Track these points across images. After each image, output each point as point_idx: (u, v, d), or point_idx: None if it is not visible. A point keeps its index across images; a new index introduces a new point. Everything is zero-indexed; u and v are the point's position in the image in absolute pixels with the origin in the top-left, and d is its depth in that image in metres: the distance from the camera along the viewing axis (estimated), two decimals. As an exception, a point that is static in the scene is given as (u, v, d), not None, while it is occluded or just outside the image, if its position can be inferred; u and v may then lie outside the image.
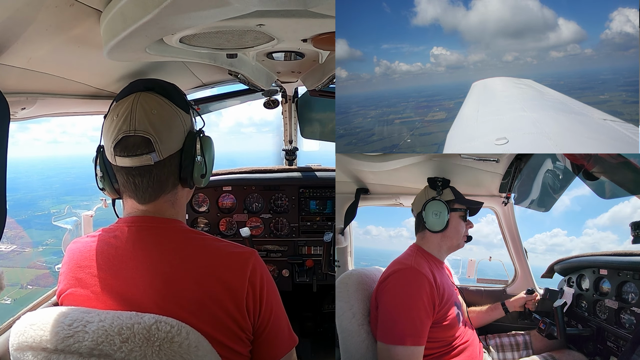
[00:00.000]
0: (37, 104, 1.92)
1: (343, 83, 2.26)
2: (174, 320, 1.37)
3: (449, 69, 3.16)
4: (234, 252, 1.56)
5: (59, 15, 1.41)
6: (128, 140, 1.50)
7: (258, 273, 1.55)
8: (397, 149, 2.59)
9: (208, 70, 2.94)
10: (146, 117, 1.52)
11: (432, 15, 2.92)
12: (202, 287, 1.46)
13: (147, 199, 1.58)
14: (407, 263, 2.26)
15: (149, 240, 1.55)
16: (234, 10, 1.30)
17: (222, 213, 3.89)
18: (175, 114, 1.59)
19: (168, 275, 1.47)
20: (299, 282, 3.89)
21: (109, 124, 1.55)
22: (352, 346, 2.24)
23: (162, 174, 1.56)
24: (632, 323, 2.41)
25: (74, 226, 3.34)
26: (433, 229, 2.40)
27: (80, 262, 1.57)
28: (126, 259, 1.51)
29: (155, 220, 1.59)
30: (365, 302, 2.37)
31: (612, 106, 2.27)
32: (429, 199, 2.44)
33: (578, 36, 2.81)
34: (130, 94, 1.57)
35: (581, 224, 15.80)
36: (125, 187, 1.58)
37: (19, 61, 1.57)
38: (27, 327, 1.40)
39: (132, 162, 1.51)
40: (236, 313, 1.48)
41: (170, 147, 1.56)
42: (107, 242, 1.57)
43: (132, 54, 1.76)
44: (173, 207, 1.64)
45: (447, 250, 2.50)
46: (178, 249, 1.53)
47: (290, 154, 4.30)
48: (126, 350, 1.31)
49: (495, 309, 3.01)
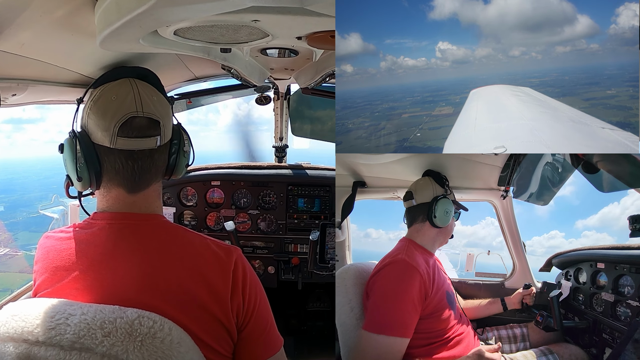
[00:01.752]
0: (28, 90, 1.91)
1: (348, 78, 2.26)
2: (157, 316, 1.36)
3: (455, 63, 3.18)
4: (217, 251, 1.54)
5: (54, 2, 1.40)
6: (135, 121, 1.49)
7: (241, 272, 1.54)
8: (407, 142, 2.60)
9: (201, 64, 2.93)
10: (150, 100, 1.53)
11: (449, 9, 2.93)
12: (185, 286, 1.45)
13: (140, 187, 1.55)
14: (399, 256, 2.30)
15: (131, 239, 1.51)
16: (230, 5, 1.30)
17: (209, 207, 3.89)
18: (167, 104, 1.62)
19: (152, 274, 1.45)
20: (284, 279, 3.89)
21: (106, 105, 1.50)
22: (351, 340, 2.27)
23: (159, 159, 1.57)
24: (627, 316, 2.46)
25: (60, 215, 3.32)
26: (440, 224, 2.46)
27: (56, 262, 1.51)
28: (108, 258, 1.48)
29: (138, 217, 1.56)
30: (362, 296, 2.40)
31: (620, 101, 2.29)
32: (440, 196, 2.47)
33: (591, 30, 2.82)
34: (122, 78, 1.57)
35: (572, 224, 15.94)
36: (118, 173, 1.52)
37: (12, 47, 1.56)
38: (9, 317, 1.38)
39: (137, 143, 1.49)
40: (220, 313, 1.47)
41: (167, 135, 1.58)
42: (86, 241, 1.51)
43: (125, 44, 1.75)
44: (158, 198, 1.64)
45: (440, 244, 2.59)
46: (161, 246, 1.52)
47: (280, 150, 4.30)
48: (108, 344, 1.30)
49: (494, 303, 3.05)
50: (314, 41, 2.04)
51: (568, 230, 13.59)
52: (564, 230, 14.16)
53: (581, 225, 14.12)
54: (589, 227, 14.12)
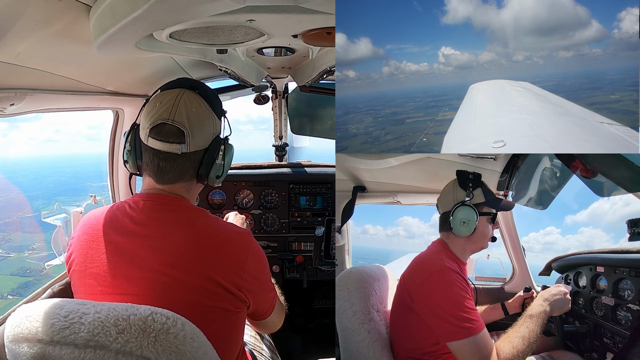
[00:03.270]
0: (26, 99, 1.91)
1: (350, 83, 2.26)
2: (170, 312, 1.40)
3: (457, 68, 3.17)
4: (236, 232, 1.74)
5: (48, 10, 1.40)
6: (165, 127, 1.66)
7: (253, 252, 1.72)
8: (414, 147, 2.57)
9: (198, 66, 2.93)
10: (186, 111, 1.68)
11: (463, 14, 2.92)
12: (205, 255, 1.61)
13: (166, 181, 1.73)
14: (441, 264, 2.18)
15: (163, 213, 1.69)
16: (225, 6, 1.30)
17: (212, 209, 3.88)
18: (210, 116, 1.76)
19: (177, 243, 1.61)
20: (289, 278, 3.90)
21: (151, 108, 1.70)
22: (353, 345, 2.22)
23: (184, 164, 1.72)
24: (628, 320, 2.43)
25: (63, 223, 3.33)
26: (460, 235, 2.27)
27: (95, 226, 1.69)
28: (140, 227, 1.64)
29: (169, 198, 1.73)
30: (365, 300, 2.34)
31: (625, 105, 2.28)
32: (458, 204, 2.27)
33: (600, 34, 2.80)
34: (176, 87, 1.74)
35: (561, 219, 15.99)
36: (148, 166, 1.73)
37: (8, 56, 1.56)
38: (23, 318, 1.41)
39: (162, 146, 1.67)
40: (232, 286, 1.62)
41: (198, 144, 1.72)
42: (123, 211, 1.70)
43: (121, 49, 1.76)
44: (187, 193, 1.79)
45: (470, 253, 2.39)
46: (188, 223, 1.68)
47: (280, 149, 4.30)
48: (122, 341, 1.34)
49: (494, 309, 2.97)
50: (310, 39, 2.04)
51: (564, 226, 13.61)
52: (559, 226, 14.20)
53: (570, 221, 14.12)
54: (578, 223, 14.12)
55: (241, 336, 1.84)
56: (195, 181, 1.80)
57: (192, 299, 1.56)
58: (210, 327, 1.52)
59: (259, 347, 2.51)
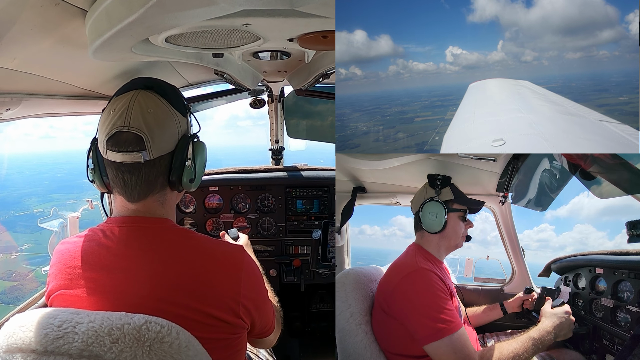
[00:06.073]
0: (22, 104, 1.91)
1: (355, 81, 2.24)
2: (164, 321, 1.37)
3: (464, 68, 3.15)
4: (225, 252, 1.61)
5: (44, 15, 1.40)
6: (121, 136, 1.51)
7: (247, 272, 1.61)
8: (427, 145, 2.55)
9: (194, 70, 2.93)
10: (141, 115, 1.52)
11: (490, 12, 2.89)
12: (194, 286, 1.49)
13: (136, 197, 1.58)
14: (414, 265, 2.21)
15: (142, 240, 1.55)
16: (220, 10, 1.30)
17: (208, 213, 3.88)
18: (171, 115, 1.60)
19: (163, 271, 1.49)
20: (287, 282, 3.89)
21: (105, 118, 1.55)
22: (350, 346, 2.21)
23: (151, 173, 1.56)
24: (627, 321, 2.43)
25: (60, 228, 3.31)
26: (430, 230, 2.33)
27: (69, 263, 1.56)
28: (119, 259, 1.51)
29: (146, 220, 1.60)
30: (363, 301, 2.34)
31: (635, 107, 2.27)
32: (427, 200, 2.36)
33: (617, 35, 2.77)
34: (130, 90, 1.59)
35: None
36: (114, 182, 1.58)
37: (4, 61, 1.56)
38: (16, 328, 1.39)
39: (122, 157, 1.52)
40: (227, 316, 1.53)
41: (162, 148, 1.56)
42: (98, 242, 1.56)
43: (117, 53, 1.75)
44: (162, 207, 1.65)
45: (446, 250, 2.43)
46: (171, 248, 1.55)
47: (277, 153, 4.30)
48: (116, 350, 1.31)
49: (493, 309, 2.99)
50: (306, 42, 2.04)
51: (557, 223, 13.63)
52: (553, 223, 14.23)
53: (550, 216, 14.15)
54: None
55: (243, 357, 1.75)
56: (169, 190, 1.64)
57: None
58: (210, 356, 1.45)
59: (256, 351, 2.50)
